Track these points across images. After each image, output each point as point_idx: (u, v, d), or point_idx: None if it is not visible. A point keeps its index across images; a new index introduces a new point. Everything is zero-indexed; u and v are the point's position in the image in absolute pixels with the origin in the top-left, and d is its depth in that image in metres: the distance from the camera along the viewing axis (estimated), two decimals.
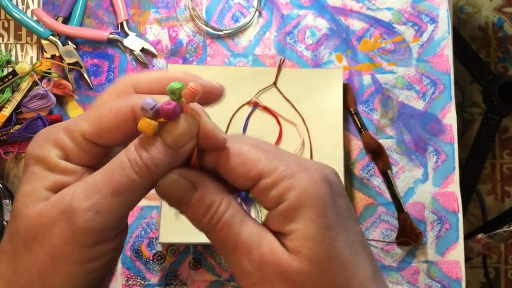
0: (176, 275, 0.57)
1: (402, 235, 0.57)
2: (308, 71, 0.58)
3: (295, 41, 0.60)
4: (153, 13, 0.61)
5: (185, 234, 0.54)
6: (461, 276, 0.57)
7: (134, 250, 0.57)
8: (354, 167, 0.59)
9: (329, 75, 0.57)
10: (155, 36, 0.60)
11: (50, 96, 0.57)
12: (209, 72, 0.57)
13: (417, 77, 0.60)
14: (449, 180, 0.59)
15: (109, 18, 0.61)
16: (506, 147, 1.40)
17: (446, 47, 0.60)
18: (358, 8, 0.61)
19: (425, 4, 0.61)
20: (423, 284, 0.57)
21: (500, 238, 0.87)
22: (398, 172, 0.59)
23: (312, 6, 0.61)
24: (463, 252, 0.58)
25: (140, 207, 0.58)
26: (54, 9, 0.61)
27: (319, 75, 0.57)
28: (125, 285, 0.57)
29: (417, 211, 0.58)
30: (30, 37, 0.60)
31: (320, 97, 0.57)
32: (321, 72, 0.58)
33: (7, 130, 0.56)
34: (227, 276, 0.57)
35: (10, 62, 0.59)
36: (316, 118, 0.56)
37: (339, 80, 0.57)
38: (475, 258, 1.32)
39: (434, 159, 0.59)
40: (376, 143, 0.58)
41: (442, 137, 0.59)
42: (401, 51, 0.61)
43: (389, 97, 0.60)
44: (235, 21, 0.61)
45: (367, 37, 0.61)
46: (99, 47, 0.60)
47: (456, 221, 0.58)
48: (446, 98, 0.60)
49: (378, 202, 0.58)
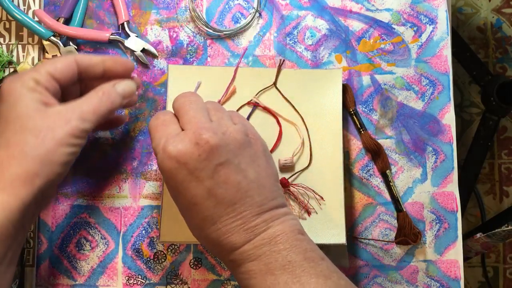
0: (176, 274, 0.58)
1: (401, 235, 0.58)
2: (308, 71, 0.58)
3: (295, 41, 0.61)
4: (154, 14, 0.61)
5: (186, 233, 0.54)
6: (460, 275, 0.58)
7: (135, 250, 0.58)
8: (353, 167, 0.59)
9: (328, 76, 0.57)
10: (155, 37, 0.61)
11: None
12: (209, 72, 0.57)
13: (416, 78, 0.60)
14: (448, 180, 0.59)
15: (110, 19, 0.61)
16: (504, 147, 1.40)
17: (445, 47, 0.61)
18: (358, 9, 0.61)
19: (424, 5, 0.62)
20: (422, 283, 0.58)
21: (498, 238, 0.88)
22: (397, 172, 0.59)
23: (311, 7, 0.61)
24: (461, 252, 0.58)
25: (141, 207, 0.58)
26: (55, 10, 0.61)
27: (318, 76, 0.58)
28: (126, 284, 0.57)
29: (416, 211, 0.59)
30: (31, 38, 0.61)
31: (320, 98, 0.57)
32: (321, 72, 0.58)
33: None
34: (228, 275, 0.58)
35: (11, 62, 0.60)
36: (316, 118, 0.57)
37: (338, 81, 0.57)
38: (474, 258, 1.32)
39: (433, 159, 0.59)
40: (375, 143, 0.59)
41: (441, 137, 0.60)
42: (400, 52, 0.61)
43: (388, 97, 0.60)
44: (235, 22, 0.61)
45: (366, 37, 0.61)
46: (100, 47, 0.61)
47: (455, 221, 0.59)
48: (445, 98, 0.60)
49: (377, 202, 0.59)
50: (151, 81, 0.60)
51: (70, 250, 0.58)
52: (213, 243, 0.45)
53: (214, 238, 0.44)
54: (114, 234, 0.58)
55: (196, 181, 0.43)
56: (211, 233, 0.44)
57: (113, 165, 0.59)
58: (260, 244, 0.43)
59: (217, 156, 0.43)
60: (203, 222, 0.44)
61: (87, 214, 0.58)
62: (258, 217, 0.44)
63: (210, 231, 0.44)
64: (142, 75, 0.60)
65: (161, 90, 0.60)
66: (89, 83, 0.51)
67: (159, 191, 0.58)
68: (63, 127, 0.44)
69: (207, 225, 0.44)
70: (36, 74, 0.45)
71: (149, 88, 0.60)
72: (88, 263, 0.58)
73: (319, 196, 0.55)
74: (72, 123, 0.45)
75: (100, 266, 0.58)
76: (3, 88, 0.45)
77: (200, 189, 0.43)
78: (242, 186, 0.44)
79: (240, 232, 0.43)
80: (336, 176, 0.55)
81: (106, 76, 0.50)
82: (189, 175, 0.43)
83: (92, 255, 0.58)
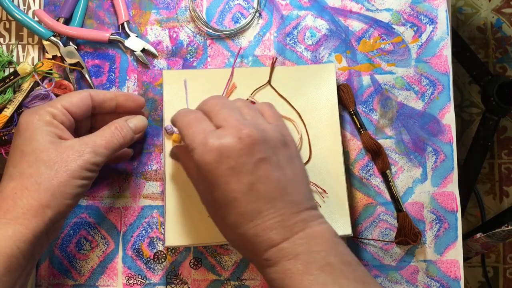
0: (176, 274, 0.58)
1: (401, 235, 0.58)
2: (301, 67, 0.59)
3: (295, 41, 0.61)
4: (154, 14, 0.61)
5: (191, 236, 0.54)
6: (460, 275, 0.58)
7: (135, 250, 0.58)
8: (353, 167, 0.59)
9: (322, 70, 0.58)
10: (155, 37, 0.61)
11: (51, 96, 0.57)
12: (205, 74, 0.58)
13: (416, 78, 0.60)
14: (448, 180, 0.59)
15: (110, 19, 0.61)
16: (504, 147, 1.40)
17: (445, 47, 0.61)
18: (358, 9, 0.61)
19: (424, 5, 0.62)
20: (422, 283, 0.58)
21: (498, 238, 0.88)
22: (397, 172, 0.59)
23: (311, 7, 0.61)
24: (461, 252, 0.58)
25: (141, 207, 0.58)
26: (55, 10, 0.61)
27: (312, 71, 0.58)
28: (126, 284, 0.57)
29: (416, 211, 0.59)
30: (31, 38, 0.61)
31: (315, 92, 0.57)
32: (314, 68, 0.58)
33: (8, 130, 0.57)
34: (228, 275, 0.58)
35: (11, 62, 0.60)
36: (313, 113, 0.57)
37: (332, 75, 0.58)
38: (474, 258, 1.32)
39: (433, 159, 0.59)
40: (375, 143, 0.59)
41: (441, 137, 0.60)
42: (400, 52, 0.61)
43: (388, 97, 0.60)
44: (235, 22, 0.61)
45: (366, 37, 0.61)
46: (100, 47, 0.61)
47: (455, 221, 0.59)
48: (445, 98, 0.60)
49: (377, 202, 0.59)
50: (151, 81, 0.60)
51: (70, 250, 0.58)
52: (248, 240, 0.44)
53: (251, 235, 0.43)
54: (114, 234, 0.58)
55: (237, 176, 0.43)
56: (248, 229, 0.43)
57: (113, 165, 0.59)
58: (299, 242, 0.43)
59: (257, 151, 0.43)
60: (241, 218, 0.43)
61: (87, 214, 0.58)
62: (297, 215, 0.44)
63: (248, 227, 0.43)
64: (142, 75, 0.60)
65: (161, 90, 0.60)
66: (100, 117, 0.54)
67: (159, 191, 0.58)
68: (76, 160, 0.46)
69: (245, 221, 0.43)
70: (52, 109, 0.48)
71: (149, 88, 0.60)
72: (88, 263, 0.58)
73: (322, 189, 0.55)
74: (85, 156, 0.47)
75: (100, 266, 0.58)
76: (20, 121, 0.48)
77: (241, 184, 0.43)
78: (281, 183, 0.44)
79: (278, 229, 0.43)
80: (338, 168, 0.55)
81: (117, 111, 0.54)
82: (230, 169, 0.43)
83: (92, 255, 0.58)
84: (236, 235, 0.44)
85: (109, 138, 0.49)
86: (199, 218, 0.54)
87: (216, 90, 0.57)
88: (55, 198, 0.45)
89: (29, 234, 0.44)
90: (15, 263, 0.43)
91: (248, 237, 0.43)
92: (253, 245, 0.44)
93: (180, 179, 0.55)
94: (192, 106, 0.56)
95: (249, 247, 0.44)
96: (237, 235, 0.44)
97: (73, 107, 0.50)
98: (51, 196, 0.45)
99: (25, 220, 0.44)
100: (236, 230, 0.44)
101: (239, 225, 0.44)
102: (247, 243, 0.44)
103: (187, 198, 0.55)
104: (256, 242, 0.43)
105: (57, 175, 0.45)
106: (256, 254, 0.44)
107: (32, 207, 0.44)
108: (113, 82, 0.60)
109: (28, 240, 0.44)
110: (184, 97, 0.57)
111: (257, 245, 0.43)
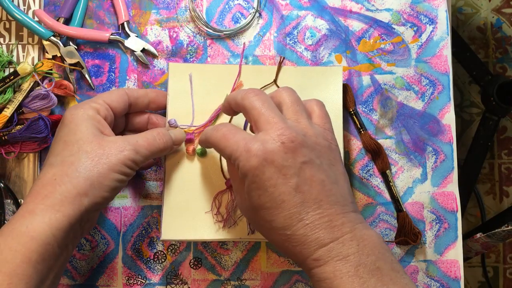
0: (176, 274, 0.58)
1: (401, 235, 0.58)
2: (308, 69, 0.58)
3: (295, 41, 0.61)
4: (154, 14, 0.61)
5: (187, 231, 0.54)
6: (460, 275, 0.58)
7: (135, 250, 0.58)
8: (353, 167, 0.59)
9: (329, 73, 0.58)
10: (155, 37, 0.61)
11: (51, 96, 0.57)
12: (211, 70, 0.57)
13: (416, 78, 0.60)
14: (448, 180, 0.59)
15: (110, 19, 0.61)
16: (504, 147, 1.40)
17: (445, 47, 0.61)
18: (358, 9, 0.61)
19: (424, 5, 0.62)
20: (422, 283, 0.58)
21: (498, 238, 0.88)
22: (397, 172, 0.59)
23: (311, 7, 0.61)
24: (461, 252, 0.58)
25: (141, 207, 0.58)
26: (55, 10, 0.61)
27: (319, 73, 0.58)
28: (126, 284, 0.57)
29: (416, 211, 0.59)
30: (31, 38, 0.61)
31: (320, 95, 0.57)
32: (321, 70, 0.58)
33: (8, 130, 0.57)
34: (228, 275, 0.58)
35: (11, 62, 0.60)
36: None
37: (339, 78, 0.57)
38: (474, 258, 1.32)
39: (433, 159, 0.59)
40: (375, 143, 0.59)
41: (441, 137, 0.60)
42: (400, 52, 0.61)
43: (388, 97, 0.60)
44: (235, 22, 0.61)
45: (366, 37, 0.61)
46: (100, 47, 0.61)
47: (455, 221, 0.59)
48: (445, 98, 0.60)
49: (377, 202, 0.59)
50: (151, 81, 0.60)
51: None
52: (298, 241, 0.44)
53: (301, 235, 0.43)
54: (114, 234, 0.58)
55: (284, 178, 0.44)
56: (297, 230, 0.43)
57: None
58: (349, 244, 0.43)
59: (301, 155, 0.44)
60: (290, 219, 0.44)
61: None
62: (344, 216, 0.44)
63: (298, 227, 0.43)
64: (142, 75, 0.60)
65: (161, 90, 0.60)
66: (131, 119, 0.57)
67: (159, 191, 0.58)
68: (117, 155, 0.48)
69: (294, 222, 0.44)
70: (96, 104, 0.50)
71: (149, 88, 0.60)
72: (88, 263, 0.58)
73: None
74: (125, 152, 0.48)
75: (100, 266, 0.58)
76: (65, 115, 0.50)
77: (287, 186, 0.44)
78: (326, 185, 0.44)
79: (327, 229, 0.43)
80: None
81: (150, 107, 0.57)
82: (276, 173, 0.44)
83: (92, 255, 0.58)
84: (285, 237, 0.44)
85: (151, 140, 0.51)
86: (196, 214, 0.54)
87: (222, 86, 0.57)
88: (93, 188, 0.46)
89: (65, 221, 0.44)
90: (50, 251, 0.43)
91: (298, 237, 0.44)
92: (303, 245, 0.44)
93: (179, 175, 0.55)
94: (197, 100, 0.57)
95: (298, 248, 0.44)
96: (286, 237, 0.44)
97: (113, 103, 0.52)
98: (90, 185, 0.46)
99: (62, 207, 0.44)
100: (285, 231, 0.44)
101: (288, 226, 0.44)
102: (296, 244, 0.44)
103: (185, 194, 0.55)
104: (306, 242, 0.44)
105: (98, 166, 0.46)
106: (306, 254, 0.44)
107: (70, 194, 0.45)
108: (113, 82, 0.60)
109: (64, 227, 0.44)
110: (189, 91, 0.57)
111: (307, 245, 0.44)
